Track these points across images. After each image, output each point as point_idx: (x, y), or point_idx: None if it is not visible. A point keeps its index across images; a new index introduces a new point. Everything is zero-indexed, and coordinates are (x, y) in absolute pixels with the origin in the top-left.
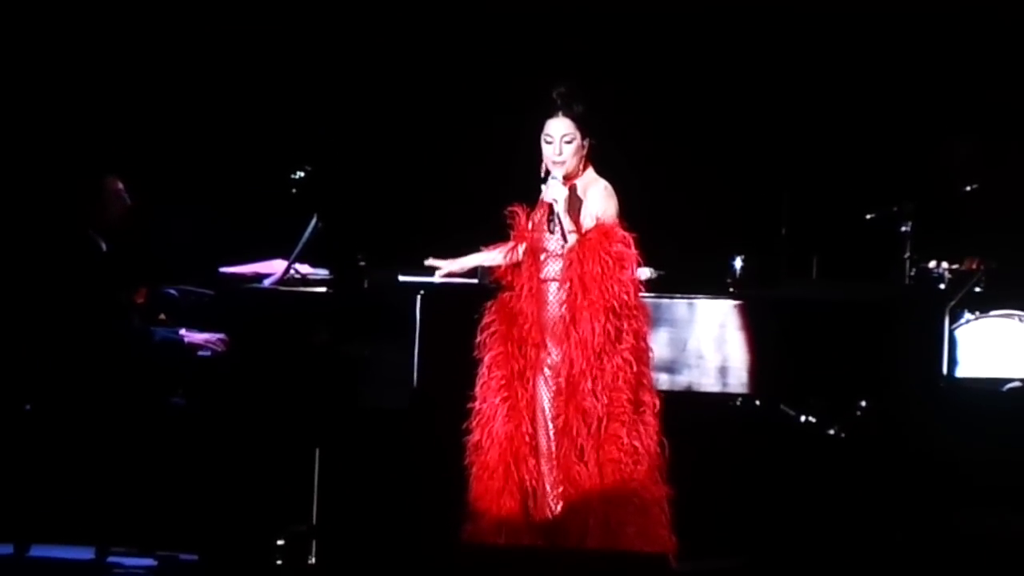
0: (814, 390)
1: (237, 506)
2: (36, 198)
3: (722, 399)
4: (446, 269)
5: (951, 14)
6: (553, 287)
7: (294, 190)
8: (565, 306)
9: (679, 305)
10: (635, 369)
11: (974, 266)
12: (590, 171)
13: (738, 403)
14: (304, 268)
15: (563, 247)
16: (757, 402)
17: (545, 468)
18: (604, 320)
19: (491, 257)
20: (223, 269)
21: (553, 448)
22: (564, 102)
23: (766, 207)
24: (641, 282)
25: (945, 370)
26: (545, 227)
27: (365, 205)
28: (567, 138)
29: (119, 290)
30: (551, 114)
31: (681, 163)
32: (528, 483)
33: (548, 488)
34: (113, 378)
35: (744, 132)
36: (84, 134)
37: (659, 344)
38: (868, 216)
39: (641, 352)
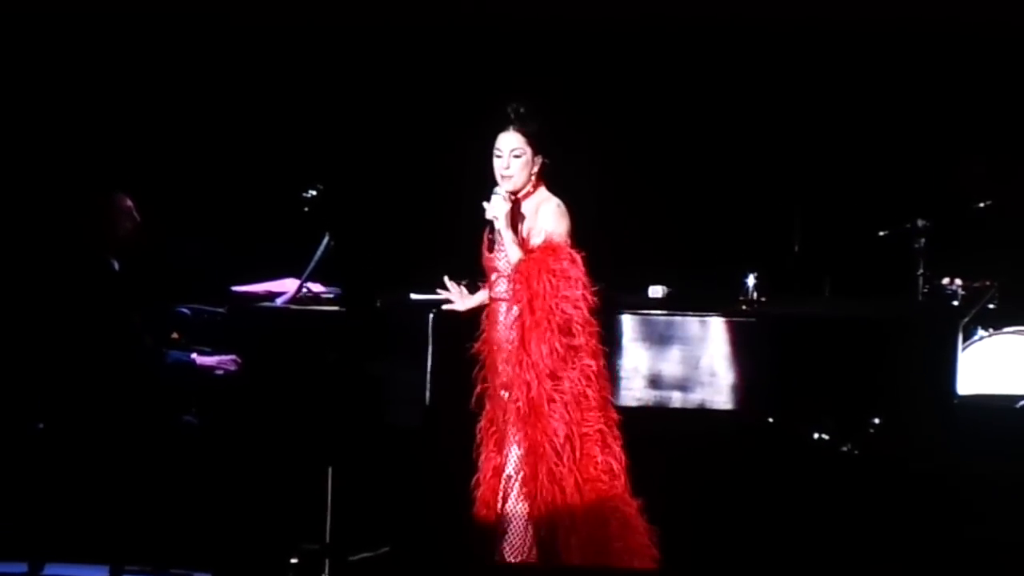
0: (827, 407)
1: (250, 524)
2: (47, 218)
3: (735, 417)
4: (456, 306)
5: (965, 31)
6: (503, 307)
7: (306, 209)
8: (514, 329)
9: (692, 323)
10: (597, 384)
11: (987, 283)
12: (542, 189)
13: (752, 421)
14: (316, 287)
15: (509, 265)
16: (770, 419)
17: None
18: (554, 339)
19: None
20: (235, 288)
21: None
22: (516, 117)
23: (779, 224)
24: (655, 299)
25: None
26: (486, 246)
27: (377, 224)
28: (516, 152)
29: (131, 309)
30: (502, 128)
31: (694, 180)
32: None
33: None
34: (126, 397)
35: (757, 149)
36: (94, 153)
37: (672, 362)
38: (881, 233)
39: (600, 367)
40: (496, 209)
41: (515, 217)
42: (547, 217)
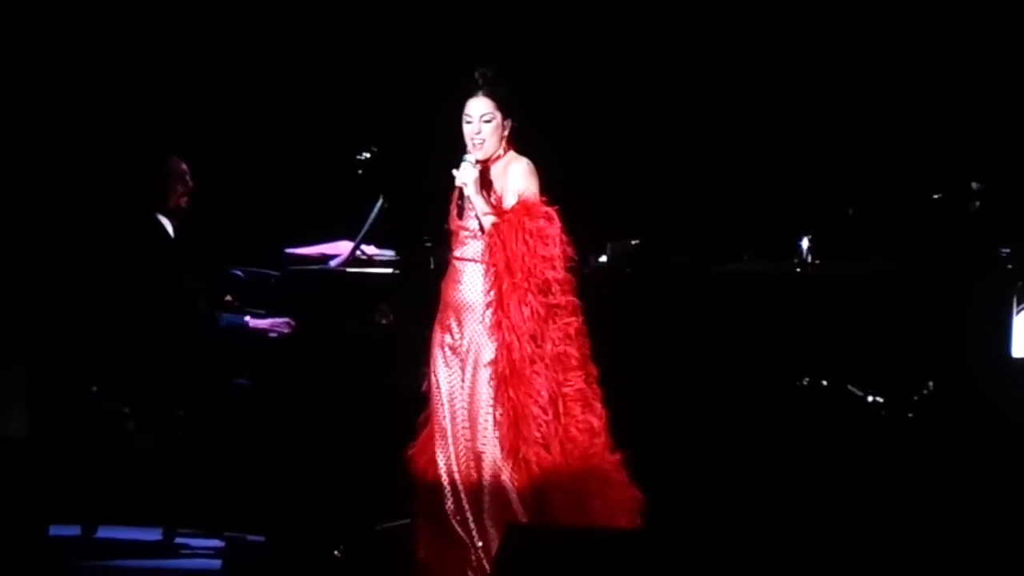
0: (881, 370)
1: (303, 488)
2: (101, 182)
3: (789, 379)
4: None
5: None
6: (469, 267)
7: (360, 171)
8: (493, 292)
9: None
10: (577, 342)
11: None
12: (511, 152)
13: (804, 383)
14: (370, 249)
15: (480, 230)
16: (824, 382)
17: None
18: (533, 301)
19: None
20: (289, 250)
21: (491, 432)
22: (484, 81)
23: (833, 187)
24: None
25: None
26: (455, 211)
27: (431, 185)
28: (486, 118)
29: (184, 273)
30: (471, 94)
31: (748, 143)
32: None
33: (498, 470)
34: (179, 360)
35: (812, 113)
36: (148, 117)
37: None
38: (935, 196)
39: (579, 324)
40: (465, 175)
41: (486, 182)
42: (517, 177)
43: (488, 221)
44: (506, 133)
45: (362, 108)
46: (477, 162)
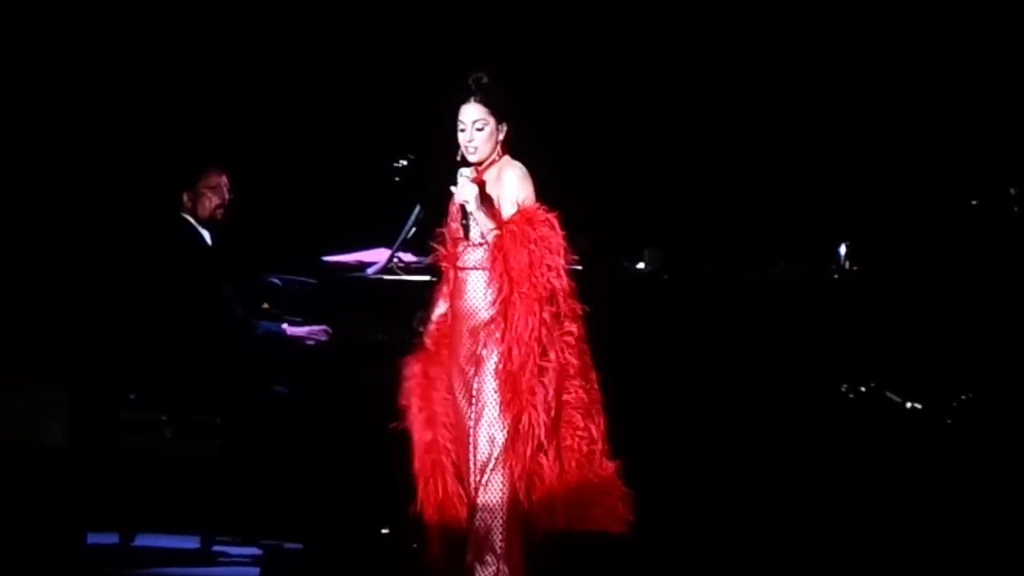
0: (919, 376)
1: (341, 495)
2: (143, 191)
3: (827, 384)
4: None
5: None
6: (474, 276)
7: (397, 179)
8: (498, 303)
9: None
10: (578, 350)
11: None
12: (505, 156)
13: (843, 388)
14: (407, 256)
15: (483, 240)
16: (862, 388)
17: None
18: (540, 311)
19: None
20: (326, 258)
21: (501, 444)
22: (477, 88)
23: (870, 193)
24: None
25: None
26: (459, 228)
27: None
28: (478, 125)
29: (223, 281)
30: (463, 100)
31: (787, 148)
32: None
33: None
34: (217, 368)
35: (849, 117)
36: (188, 126)
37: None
38: (973, 202)
39: (580, 332)
40: (467, 193)
41: (485, 194)
42: (513, 184)
43: (492, 236)
44: (501, 138)
45: (400, 116)
46: (474, 170)
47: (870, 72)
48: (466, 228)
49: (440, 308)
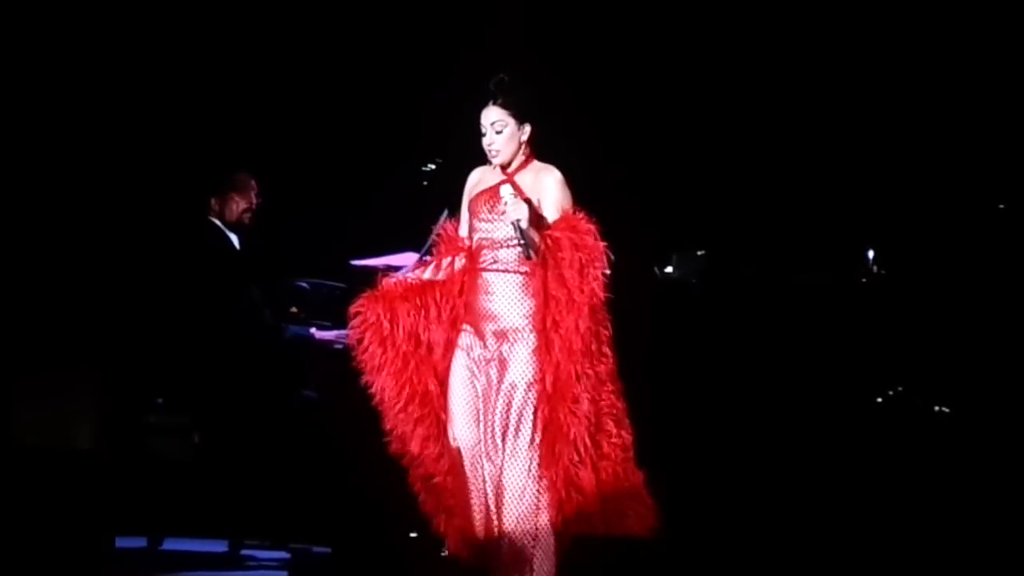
0: (951, 381)
1: (369, 500)
2: (171, 195)
3: (857, 390)
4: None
5: None
6: (504, 279)
7: (425, 183)
8: (547, 313)
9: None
10: (609, 356)
11: None
12: (535, 161)
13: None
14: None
15: (509, 235)
16: (890, 392)
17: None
18: (585, 321)
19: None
20: (355, 262)
21: (534, 452)
22: (497, 90)
23: (897, 198)
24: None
25: None
26: (517, 247)
27: None
28: (497, 127)
29: (251, 285)
30: (483, 104)
31: (816, 154)
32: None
33: (529, 486)
34: (246, 372)
35: (877, 123)
36: (217, 130)
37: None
38: (1000, 206)
39: (609, 339)
40: (519, 211)
41: (533, 211)
42: (553, 190)
43: (536, 242)
44: (524, 139)
45: (428, 120)
46: (503, 173)
47: (901, 78)
48: (525, 249)
49: (415, 273)
